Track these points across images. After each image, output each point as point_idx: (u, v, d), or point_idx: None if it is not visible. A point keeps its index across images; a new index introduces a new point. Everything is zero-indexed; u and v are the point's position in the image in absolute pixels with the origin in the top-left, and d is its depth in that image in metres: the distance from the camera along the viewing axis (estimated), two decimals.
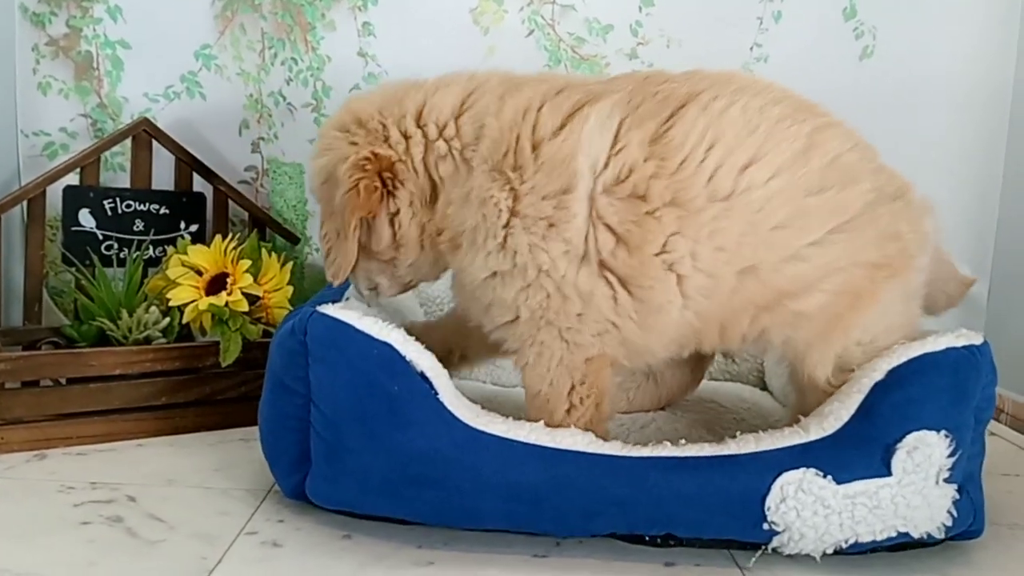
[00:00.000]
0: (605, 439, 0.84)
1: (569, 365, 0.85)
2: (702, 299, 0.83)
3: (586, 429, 0.85)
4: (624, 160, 0.81)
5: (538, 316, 0.84)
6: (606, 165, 0.81)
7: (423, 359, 0.82)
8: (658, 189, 0.80)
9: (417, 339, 0.84)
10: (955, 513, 0.79)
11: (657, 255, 0.81)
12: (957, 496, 0.79)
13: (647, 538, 0.81)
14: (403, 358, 0.81)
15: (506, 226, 0.82)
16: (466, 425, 0.80)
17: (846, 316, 0.84)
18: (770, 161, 0.81)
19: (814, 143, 0.83)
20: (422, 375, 0.81)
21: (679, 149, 0.81)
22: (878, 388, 0.80)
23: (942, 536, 0.80)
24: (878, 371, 0.81)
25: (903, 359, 0.81)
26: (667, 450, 0.80)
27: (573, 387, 0.86)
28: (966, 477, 0.81)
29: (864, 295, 0.84)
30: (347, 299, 0.96)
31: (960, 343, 0.82)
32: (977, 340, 0.83)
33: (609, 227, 0.81)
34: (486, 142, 0.85)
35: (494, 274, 0.84)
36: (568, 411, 0.86)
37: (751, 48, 1.41)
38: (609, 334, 0.84)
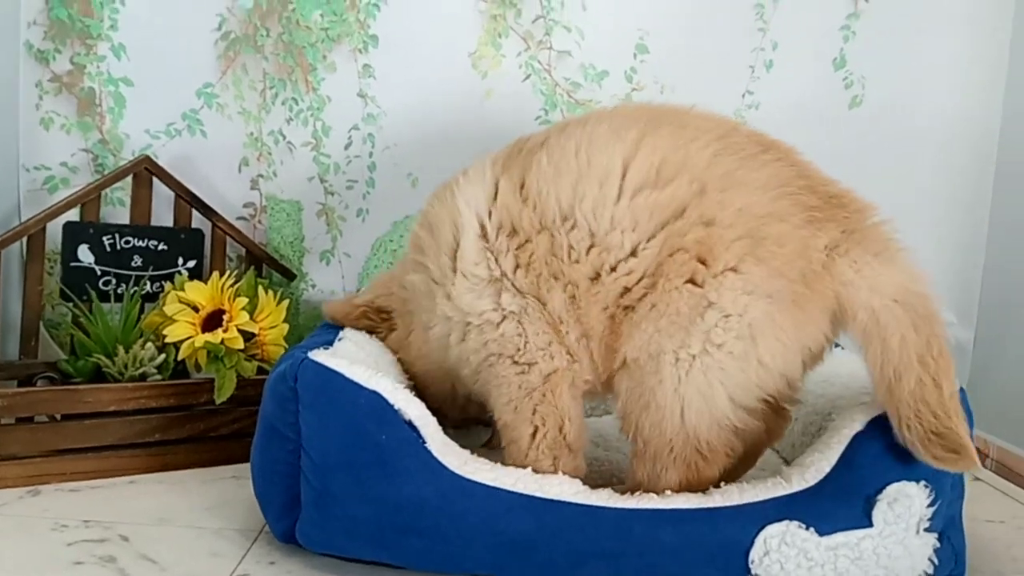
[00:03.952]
0: (578, 475, 0.87)
1: (527, 387, 0.90)
2: (577, 311, 0.89)
3: (552, 457, 0.89)
4: (502, 205, 0.92)
5: (484, 355, 0.92)
6: (490, 213, 0.92)
7: (411, 407, 0.83)
8: (528, 222, 0.90)
9: None
10: (936, 561, 0.80)
11: (545, 273, 0.89)
12: (938, 544, 0.80)
13: None
14: (391, 406, 0.82)
15: (429, 295, 0.96)
16: (453, 473, 0.81)
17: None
18: (592, 174, 0.88)
19: (639, 152, 0.87)
20: (410, 423, 0.82)
21: (534, 185, 0.90)
22: (858, 439, 0.82)
23: None
24: (857, 422, 0.83)
25: (882, 409, 0.82)
26: (652, 501, 0.81)
27: (535, 409, 0.90)
28: (947, 522, 0.82)
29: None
30: (341, 339, 0.97)
31: None
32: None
33: (506, 256, 0.91)
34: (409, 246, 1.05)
35: (444, 334, 0.95)
36: (532, 434, 0.90)
37: (743, 95, 1.44)
38: (554, 346, 0.90)
